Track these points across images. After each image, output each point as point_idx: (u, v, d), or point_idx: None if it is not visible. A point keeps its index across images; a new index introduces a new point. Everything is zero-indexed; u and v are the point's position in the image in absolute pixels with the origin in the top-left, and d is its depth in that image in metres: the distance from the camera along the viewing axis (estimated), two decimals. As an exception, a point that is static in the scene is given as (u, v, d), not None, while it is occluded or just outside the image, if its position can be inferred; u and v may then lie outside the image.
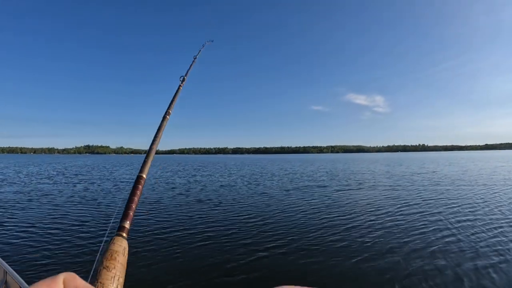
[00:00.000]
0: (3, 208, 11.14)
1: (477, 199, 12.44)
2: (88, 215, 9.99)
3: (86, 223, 8.83)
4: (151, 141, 1.31)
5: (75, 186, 18.79)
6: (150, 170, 1.11)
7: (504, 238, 7.06)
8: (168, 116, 1.69)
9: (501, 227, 8.10)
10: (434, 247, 6.46)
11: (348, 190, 16.33)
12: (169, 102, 1.77)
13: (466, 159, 58.65)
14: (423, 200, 12.31)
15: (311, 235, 7.61)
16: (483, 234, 7.40)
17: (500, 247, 6.42)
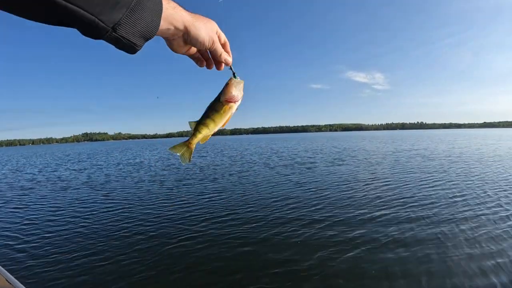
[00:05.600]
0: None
1: (451, 174, 12.45)
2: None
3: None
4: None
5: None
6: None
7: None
8: None
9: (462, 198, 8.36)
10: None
11: (333, 166, 16.32)
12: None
13: (462, 137, 57.71)
14: (397, 175, 12.24)
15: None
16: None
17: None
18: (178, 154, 0.91)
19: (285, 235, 5.91)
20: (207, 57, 0.89)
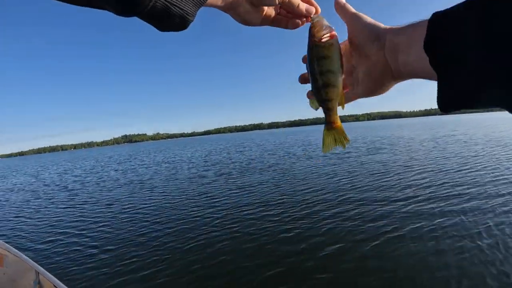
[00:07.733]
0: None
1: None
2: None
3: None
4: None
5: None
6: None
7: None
8: None
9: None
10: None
11: (368, 156, 16.20)
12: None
13: (503, 120, 54.58)
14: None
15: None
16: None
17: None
18: (334, 146, 0.71)
19: (322, 227, 5.89)
20: (283, 16, 0.64)
